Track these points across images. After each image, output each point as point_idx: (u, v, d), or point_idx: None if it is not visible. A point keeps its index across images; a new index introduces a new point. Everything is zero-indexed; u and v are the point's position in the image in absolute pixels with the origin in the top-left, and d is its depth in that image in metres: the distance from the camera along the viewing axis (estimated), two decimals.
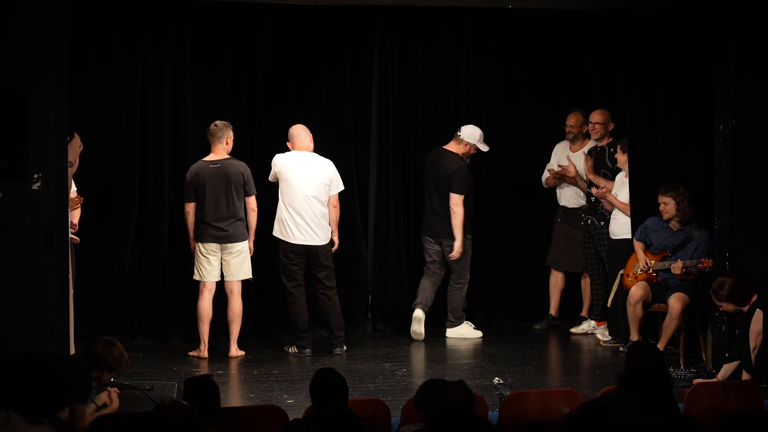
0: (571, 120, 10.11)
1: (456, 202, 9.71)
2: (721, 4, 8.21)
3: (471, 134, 9.83)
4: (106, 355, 6.20)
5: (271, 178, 9.33)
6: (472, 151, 9.87)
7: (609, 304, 9.40)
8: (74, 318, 7.51)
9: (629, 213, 9.36)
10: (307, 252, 9.22)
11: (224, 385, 8.13)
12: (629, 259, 9.18)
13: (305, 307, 9.31)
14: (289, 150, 9.32)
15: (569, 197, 10.18)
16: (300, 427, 5.19)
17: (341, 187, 9.38)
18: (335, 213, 9.33)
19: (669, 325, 8.73)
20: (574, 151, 10.16)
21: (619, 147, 9.54)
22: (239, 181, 9.07)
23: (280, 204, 9.24)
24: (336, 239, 9.38)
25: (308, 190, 9.18)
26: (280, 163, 9.25)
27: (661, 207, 8.97)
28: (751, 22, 8.13)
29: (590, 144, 10.10)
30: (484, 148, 9.84)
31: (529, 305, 10.50)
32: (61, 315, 7.15)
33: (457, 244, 9.72)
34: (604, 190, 9.60)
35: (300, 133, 9.29)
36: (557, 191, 10.28)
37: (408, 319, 10.30)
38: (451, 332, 9.98)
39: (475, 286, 10.44)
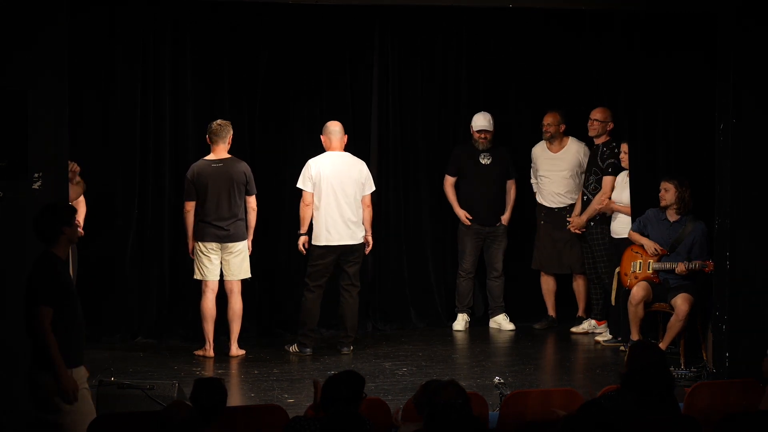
0: (548, 119, 10.12)
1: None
2: (720, 4, 8.21)
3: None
4: (55, 218, 5.91)
5: (302, 185, 9.18)
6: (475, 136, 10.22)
7: (613, 302, 9.37)
8: None
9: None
10: (343, 251, 9.22)
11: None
12: (623, 256, 9.15)
13: (319, 307, 9.30)
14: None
15: (551, 198, 10.18)
16: (301, 425, 5.19)
17: (373, 188, 9.41)
18: (369, 213, 9.34)
19: (674, 325, 8.71)
20: (555, 152, 10.17)
21: (623, 146, 9.52)
22: (241, 180, 9.07)
23: (318, 209, 9.16)
24: (370, 239, 9.38)
25: (345, 189, 9.18)
26: (315, 166, 9.20)
27: (661, 193, 8.94)
28: (750, 22, 8.12)
29: (571, 143, 10.10)
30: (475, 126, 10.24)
31: (529, 305, 10.50)
32: None
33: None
34: (605, 202, 9.58)
35: (337, 132, 9.29)
36: (537, 190, 10.27)
37: (408, 318, 10.34)
38: (492, 321, 10.31)
39: (475, 286, 10.45)
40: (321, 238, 9.19)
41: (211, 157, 9.11)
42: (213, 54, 9.75)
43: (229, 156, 9.11)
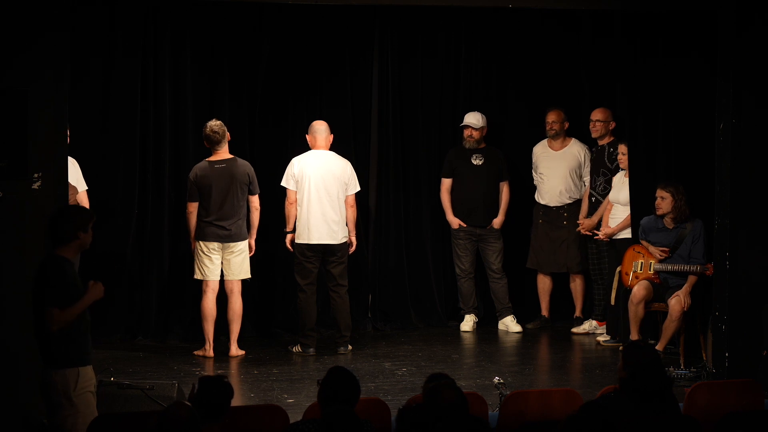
0: (552, 116, 10.12)
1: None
2: (720, 2, 8.21)
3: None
4: (73, 222, 5.94)
5: (285, 183, 9.26)
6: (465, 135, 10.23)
7: (612, 302, 9.37)
8: None
9: (630, 222, 9.36)
10: (324, 250, 9.23)
11: None
12: (625, 256, 9.15)
13: (315, 306, 9.33)
14: (305, 141, 9.34)
15: (552, 195, 10.17)
16: (299, 428, 5.19)
17: (358, 188, 9.42)
18: (352, 213, 9.35)
19: (669, 326, 8.72)
20: (556, 150, 10.18)
21: (620, 147, 9.53)
22: (245, 181, 9.07)
23: (301, 207, 9.20)
24: (354, 239, 9.39)
25: (328, 188, 9.19)
26: (298, 164, 9.24)
27: (658, 201, 8.93)
28: (750, 20, 8.12)
29: (573, 144, 10.11)
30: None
31: (529, 305, 10.50)
32: None
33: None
34: (607, 232, 9.57)
35: (322, 131, 9.30)
36: (538, 187, 10.27)
37: (408, 318, 10.34)
38: (500, 323, 10.28)
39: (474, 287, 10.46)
40: (302, 236, 9.21)
41: (213, 158, 9.10)
42: (213, 54, 9.75)
43: (232, 156, 9.11)
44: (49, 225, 5.90)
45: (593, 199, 9.92)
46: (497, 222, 10.27)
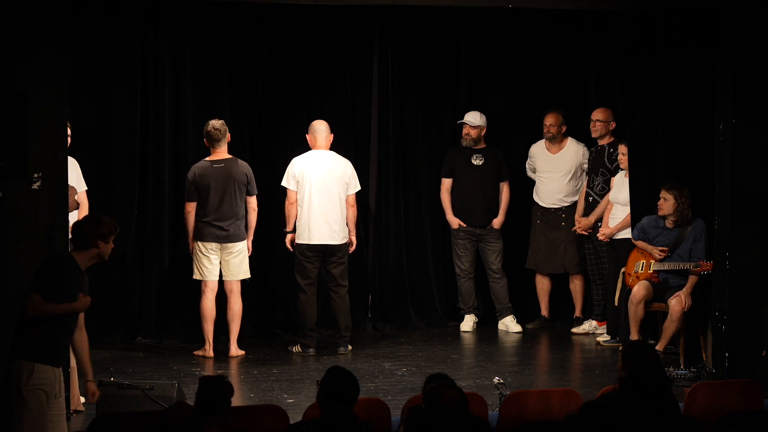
0: (550, 119, 10.12)
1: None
2: (720, 2, 8.21)
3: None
4: (96, 230, 5.97)
5: (286, 183, 9.27)
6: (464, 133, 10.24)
7: (616, 303, 9.37)
8: None
9: (630, 221, 9.36)
10: (324, 251, 9.23)
11: None
12: (629, 257, 9.16)
13: (315, 306, 9.33)
14: (305, 141, 9.34)
15: (548, 198, 10.18)
16: (299, 428, 5.19)
17: (358, 187, 9.42)
18: (352, 212, 9.35)
19: (669, 326, 8.72)
20: (554, 153, 10.18)
21: (620, 147, 9.53)
22: (243, 181, 9.08)
23: (302, 207, 9.21)
24: (354, 239, 9.39)
25: (328, 188, 9.19)
26: (299, 164, 9.24)
27: (660, 202, 8.93)
28: (751, 21, 8.12)
29: (570, 144, 10.12)
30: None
31: (529, 305, 10.49)
32: None
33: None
34: (606, 232, 9.57)
35: (322, 131, 9.30)
36: (535, 188, 10.28)
37: (407, 318, 10.34)
38: (500, 323, 10.27)
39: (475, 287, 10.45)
40: (303, 236, 9.21)
41: (212, 157, 9.11)
42: (213, 54, 9.76)
43: (230, 156, 9.12)
44: (73, 229, 5.95)
45: (590, 198, 9.92)
46: (497, 222, 10.27)
